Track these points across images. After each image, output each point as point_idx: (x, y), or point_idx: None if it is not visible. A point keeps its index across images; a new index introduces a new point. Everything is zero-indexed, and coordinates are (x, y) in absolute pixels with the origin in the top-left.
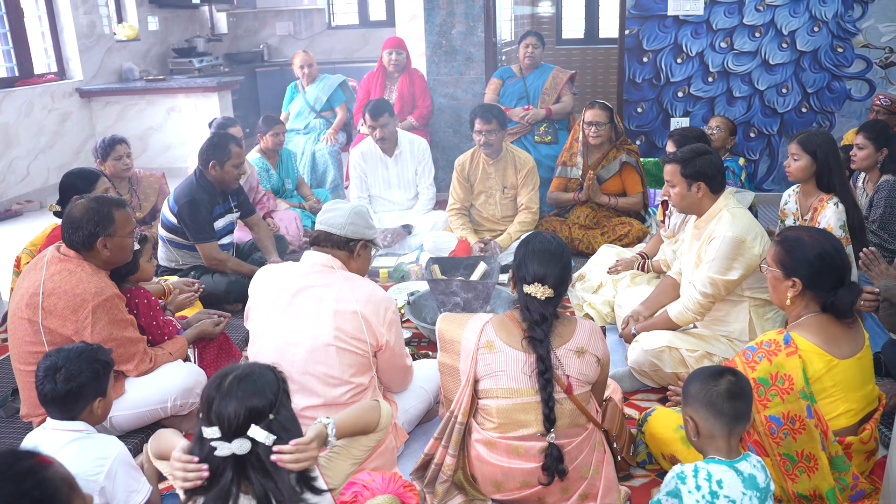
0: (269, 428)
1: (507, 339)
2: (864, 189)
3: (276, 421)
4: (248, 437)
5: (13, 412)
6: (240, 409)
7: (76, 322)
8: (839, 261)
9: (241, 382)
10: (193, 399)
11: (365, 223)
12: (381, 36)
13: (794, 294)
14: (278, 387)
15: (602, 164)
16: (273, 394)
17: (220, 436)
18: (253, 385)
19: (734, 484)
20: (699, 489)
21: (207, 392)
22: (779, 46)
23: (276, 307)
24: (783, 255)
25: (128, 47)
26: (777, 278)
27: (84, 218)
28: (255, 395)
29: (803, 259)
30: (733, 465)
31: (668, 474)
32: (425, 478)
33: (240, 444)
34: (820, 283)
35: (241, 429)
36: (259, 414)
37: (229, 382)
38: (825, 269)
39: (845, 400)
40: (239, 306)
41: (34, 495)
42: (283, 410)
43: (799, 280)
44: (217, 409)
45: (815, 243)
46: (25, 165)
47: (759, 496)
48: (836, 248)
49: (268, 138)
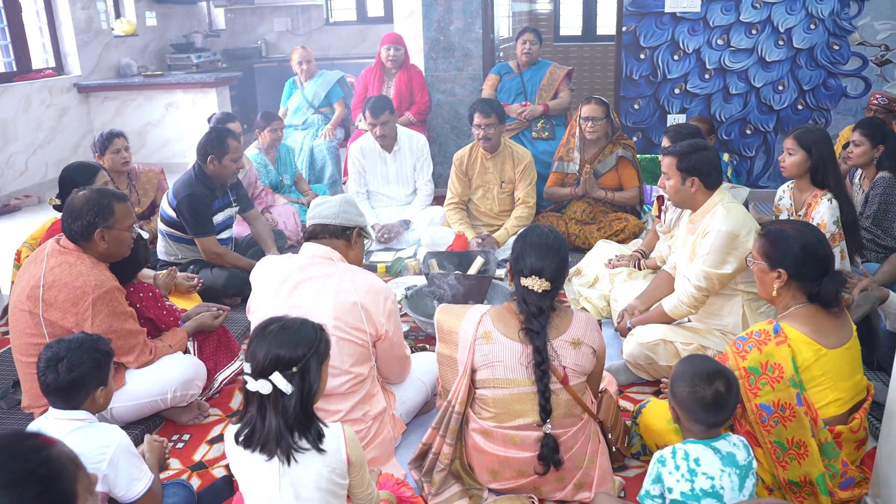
0: (290, 379)
1: (504, 330)
2: (861, 185)
3: (298, 374)
4: (269, 380)
5: (14, 404)
6: (268, 354)
7: (76, 314)
8: (822, 250)
9: (280, 332)
10: (193, 391)
11: (356, 211)
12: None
13: (781, 285)
14: (313, 346)
15: (598, 159)
16: (303, 350)
17: (250, 372)
18: (288, 337)
19: (712, 461)
20: (678, 468)
21: (254, 331)
22: (775, 43)
23: (276, 298)
24: (768, 247)
25: (126, 43)
26: (763, 270)
27: (84, 208)
28: (286, 345)
29: (788, 250)
30: (710, 444)
31: (650, 462)
32: (423, 467)
33: (262, 384)
34: (805, 273)
35: (265, 372)
36: (284, 364)
37: (271, 329)
38: (809, 259)
39: (834, 389)
40: (238, 300)
41: (40, 473)
42: (310, 367)
43: (784, 271)
44: (252, 349)
45: (799, 234)
46: (24, 161)
47: (738, 473)
48: (818, 238)
49: (266, 134)
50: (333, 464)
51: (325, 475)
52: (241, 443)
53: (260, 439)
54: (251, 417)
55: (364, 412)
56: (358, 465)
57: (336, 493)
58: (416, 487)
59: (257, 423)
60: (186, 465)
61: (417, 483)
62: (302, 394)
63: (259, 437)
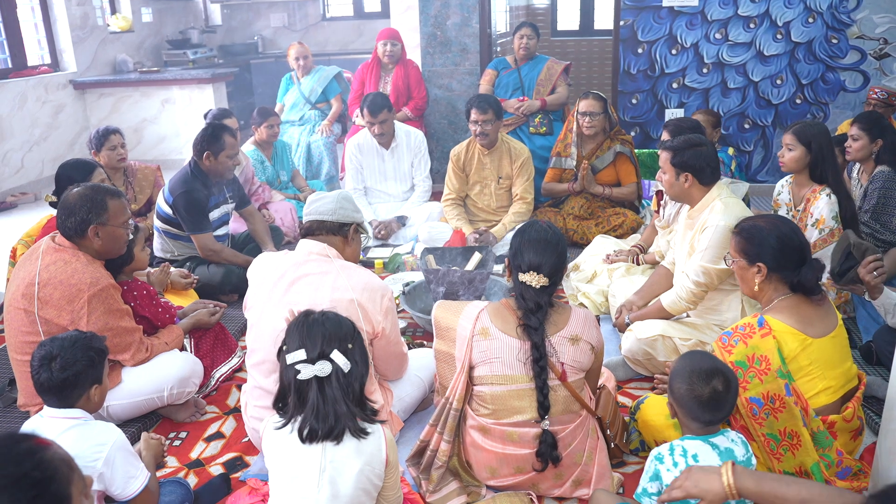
0: (346, 355)
1: (502, 326)
2: (859, 180)
3: (352, 350)
4: (330, 359)
5: (10, 402)
6: (325, 333)
7: (72, 312)
8: (797, 240)
9: (325, 316)
10: (190, 388)
11: (353, 207)
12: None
13: (762, 279)
14: (353, 325)
15: (596, 155)
16: (350, 327)
17: (304, 358)
18: (335, 318)
19: (710, 457)
20: (676, 465)
21: (293, 325)
22: (773, 37)
23: (272, 295)
24: (744, 243)
25: (121, 39)
26: (742, 267)
27: (77, 204)
28: (338, 325)
29: (764, 243)
30: (708, 440)
31: (647, 460)
32: (421, 464)
33: (322, 366)
34: (783, 264)
35: (324, 353)
36: (341, 339)
37: (314, 317)
38: (786, 250)
39: (823, 378)
40: (234, 297)
41: (34, 476)
42: (357, 343)
43: (763, 265)
44: (301, 337)
45: (772, 227)
46: (19, 158)
47: None
48: (792, 228)
49: (262, 130)
50: (374, 463)
51: (366, 474)
52: (305, 438)
53: (327, 426)
54: (313, 406)
55: None
56: (394, 466)
57: (370, 494)
58: (414, 484)
59: (321, 410)
60: (183, 463)
61: (415, 480)
62: (359, 369)
63: (326, 424)
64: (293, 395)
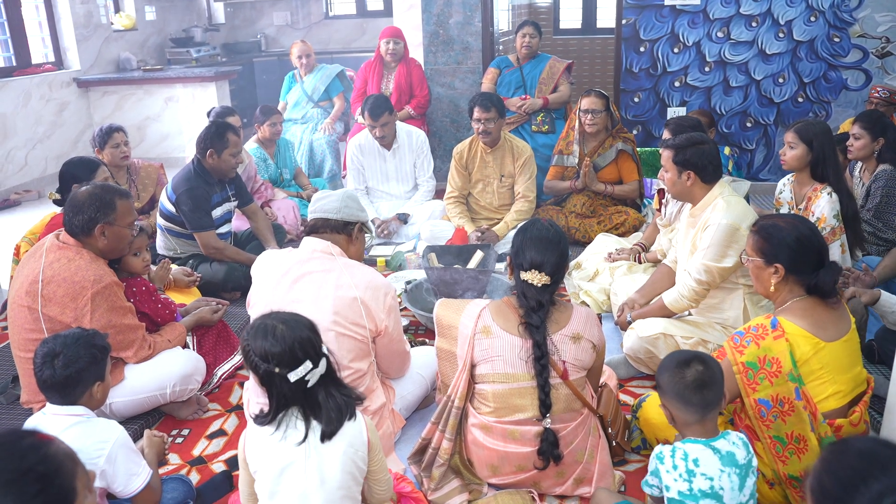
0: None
1: (503, 324)
2: (861, 178)
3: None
4: (325, 355)
5: (14, 399)
6: (308, 334)
7: (75, 309)
8: (817, 242)
9: (290, 320)
10: (192, 385)
11: (357, 206)
12: (378, 25)
13: (778, 280)
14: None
15: (598, 153)
16: (309, 322)
17: (311, 367)
18: (297, 318)
19: (711, 462)
20: (676, 468)
21: (264, 346)
22: (775, 36)
23: (276, 293)
24: (762, 242)
25: (125, 37)
26: (759, 267)
27: (86, 202)
28: (304, 324)
29: (782, 244)
30: (710, 444)
31: (650, 458)
32: (422, 462)
33: (321, 363)
34: (801, 266)
35: (307, 354)
36: (310, 330)
37: (281, 326)
38: (804, 252)
39: (833, 382)
40: (237, 294)
41: (38, 471)
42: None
43: (781, 265)
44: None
45: (792, 227)
46: (23, 155)
47: (738, 472)
48: (811, 229)
49: (265, 128)
50: (357, 445)
51: (350, 456)
52: (325, 437)
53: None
54: (325, 405)
55: (363, 407)
56: (376, 448)
57: (357, 479)
58: (416, 482)
59: (332, 407)
60: (186, 460)
61: (417, 478)
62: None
63: (334, 416)
64: (299, 405)
